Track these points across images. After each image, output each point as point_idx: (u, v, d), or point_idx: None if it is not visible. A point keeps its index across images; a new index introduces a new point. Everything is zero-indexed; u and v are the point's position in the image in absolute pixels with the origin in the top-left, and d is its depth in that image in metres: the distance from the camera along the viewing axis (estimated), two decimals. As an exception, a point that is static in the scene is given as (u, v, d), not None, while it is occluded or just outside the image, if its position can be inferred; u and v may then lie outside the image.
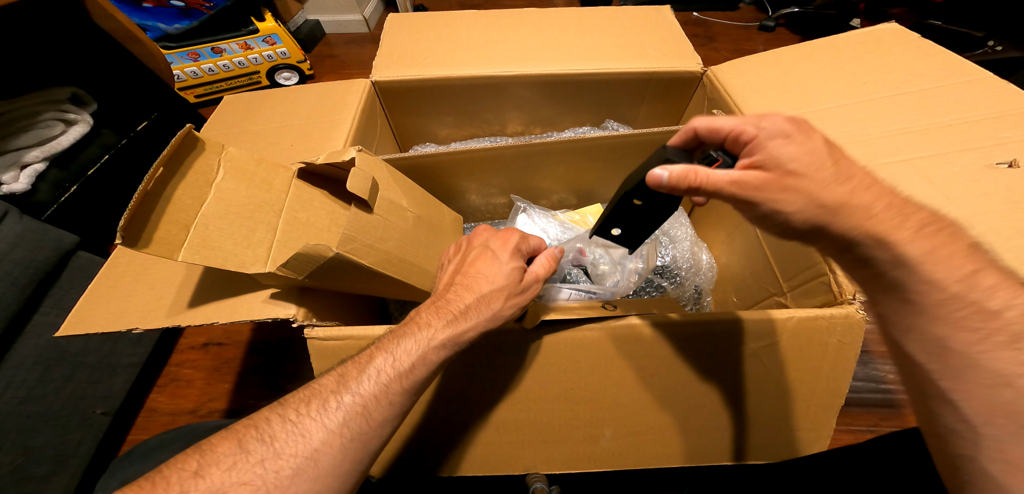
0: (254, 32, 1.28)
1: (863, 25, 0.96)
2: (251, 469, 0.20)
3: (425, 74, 0.65)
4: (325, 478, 0.22)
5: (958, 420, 0.18)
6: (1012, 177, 0.40)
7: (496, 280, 0.32)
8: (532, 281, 0.34)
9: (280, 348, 0.81)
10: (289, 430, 0.22)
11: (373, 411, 0.24)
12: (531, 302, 0.35)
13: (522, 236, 0.36)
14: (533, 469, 0.44)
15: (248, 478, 0.20)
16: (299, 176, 0.45)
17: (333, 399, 0.24)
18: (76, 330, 0.39)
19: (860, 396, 0.71)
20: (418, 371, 0.27)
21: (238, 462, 0.20)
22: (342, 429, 0.23)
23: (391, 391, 0.25)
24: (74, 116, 0.84)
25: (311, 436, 0.22)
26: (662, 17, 0.74)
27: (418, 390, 0.27)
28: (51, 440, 0.60)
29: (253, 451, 0.21)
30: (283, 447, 0.21)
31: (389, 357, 0.26)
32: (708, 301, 0.64)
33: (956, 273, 0.19)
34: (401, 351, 0.27)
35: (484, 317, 0.30)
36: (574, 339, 0.40)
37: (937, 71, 0.50)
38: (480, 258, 0.33)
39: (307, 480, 0.21)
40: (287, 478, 0.21)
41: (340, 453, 0.23)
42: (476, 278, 0.32)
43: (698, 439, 0.42)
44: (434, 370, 0.28)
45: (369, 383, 0.25)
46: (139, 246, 0.31)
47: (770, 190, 0.24)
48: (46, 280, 0.62)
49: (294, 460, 0.21)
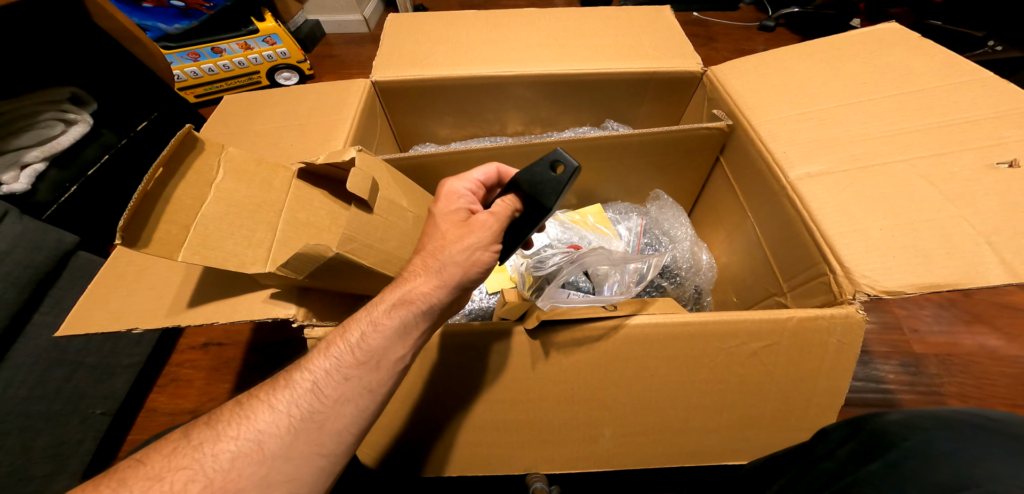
0: (254, 32, 1.28)
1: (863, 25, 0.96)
2: (189, 454, 0.20)
3: (425, 74, 0.65)
4: (273, 460, 0.21)
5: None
6: (1012, 177, 0.40)
7: (435, 233, 0.30)
8: (486, 218, 0.30)
9: (280, 348, 0.81)
10: (234, 413, 0.21)
11: (324, 387, 0.23)
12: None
13: (457, 177, 0.32)
14: (533, 469, 0.44)
15: (186, 463, 0.19)
16: (299, 176, 0.45)
17: (281, 379, 0.23)
18: (76, 330, 0.39)
19: (860, 396, 0.71)
20: (370, 338, 0.25)
21: (178, 447, 0.20)
22: (289, 408, 0.22)
23: (343, 364, 0.24)
24: (74, 116, 0.84)
25: (256, 417, 0.21)
26: (662, 17, 0.74)
27: (377, 363, 0.25)
28: (51, 440, 0.60)
29: (194, 436, 0.20)
30: (224, 430, 0.21)
31: (340, 331, 0.25)
32: (708, 301, 0.64)
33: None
34: (351, 323, 0.26)
35: (433, 266, 0.28)
36: (574, 339, 0.40)
37: (937, 71, 0.50)
38: (425, 228, 0.31)
39: (251, 463, 0.20)
40: (226, 461, 0.20)
41: (289, 434, 0.22)
42: (422, 242, 0.31)
43: (698, 439, 0.42)
44: (391, 336, 0.26)
45: (319, 357, 0.24)
46: (139, 246, 0.31)
47: None
48: (46, 280, 0.62)
49: (235, 442, 0.20)
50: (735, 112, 0.55)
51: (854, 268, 0.37)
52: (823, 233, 0.41)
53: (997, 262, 0.35)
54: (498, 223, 0.30)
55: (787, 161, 0.47)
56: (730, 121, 0.56)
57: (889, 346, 0.76)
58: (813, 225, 0.42)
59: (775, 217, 0.48)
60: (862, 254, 0.38)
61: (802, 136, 0.49)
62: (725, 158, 0.61)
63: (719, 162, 0.62)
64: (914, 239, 0.38)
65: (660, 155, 0.59)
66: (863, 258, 0.38)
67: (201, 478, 0.19)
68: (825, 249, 0.40)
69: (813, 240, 0.41)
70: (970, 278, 0.35)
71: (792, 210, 0.44)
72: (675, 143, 0.58)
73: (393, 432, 0.42)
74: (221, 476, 0.19)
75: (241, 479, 0.20)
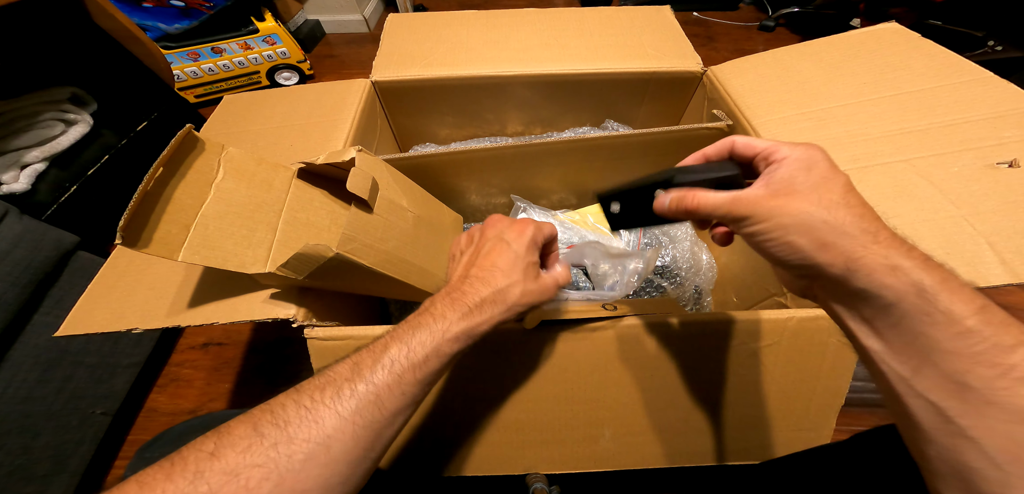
0: (254, 32, 1.28)
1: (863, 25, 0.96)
2: (264, 452, 0.21)
3: (425, 74, 0.65)
4: (336, 464, 0.22)
5: (981, 459, 0.17)
6: (1012, 177, 0.40)
7: (512, 274, 0.31)
8: (551, 284, 0.34)
9: (280, 348, 0.81)
10: (303, 416, 0.22)
11: (386, 400, 0.25)
12: None
13: (537, 227, 0.35)
14: (533, 469, 0.44)
15: (261, 460, 0.20)
16: (299, 176, 0.45)
17: (347, 387, 0.24)
18: (76, 330, 0.39)
19: (860, 396, 0.71)
20: (432, 363, 0.27)
21: (253, 445, 0.21)
22: (355, 417, 0.23)
23: (404, 381, 0.25)
24: (74, 116, 0.84)
25: (324, 422, 0.22)
26: (662, 17, 0.74)
27: (430, 381, 0.27)
28: (51, 440, 0.60)
29: (267, 435, 0.21)
30: (296, 432, 0.22)
31: (404, 347, 0.26)
32: (708, 301, 0.64)
33: (970, 305, 0.18)
34: (416, 342, 0.27)
35: (498, 311, 0.30)
36: (574, 339, 0.40)
37: (937, 71, 0.50)
38: (495, 250, 0.32)
39: (318, 465, 0.21)
40: (299, 462, 0.21)
41: (352, 440, 0.23)
42: (491, 270, 0.31)
43: (698, 439, 0.42)
44: (447, 362, 0.28)
45: (383, 373, 0.25)
46: (139, 246, 0.31)
47: (763, 204, 0.23)
48: (46, 280, 0.62)
49: (307, 445, 0.21)
50: (735, 112, 0.55)
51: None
52: (823, 233, 0.41)
53: (997, 262, 0.35)
54: (556, 291, 0.34)
55: (787, 161, 0.47)
56: (730, 121, 0.56)
57: (889, 346, 0.76)
58: (813, 225, 0.42)
59: (775, 217, 0.48)
60: (862, 254, 0.38)
61: (802, 136, 0.48)
62: (725, 158, 0.61)
63: (719, 162, 0.62)
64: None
65: (660, 155, 0.59)
66: (863, 258, 0.38)
67: (274, 476, 0.20)
68: (825, 249, 0.40)
69: (813, 240, 0.41)
70: (970, 278, 0.35)
71: (792, 210, 0.44)
72: (675, 143, 0.58)
73: (393, 432, 0.42)
74: (292, 476, 0.21)
75: (309, 480, 0.21)
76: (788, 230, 0.22)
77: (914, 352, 0.19)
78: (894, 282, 0.19)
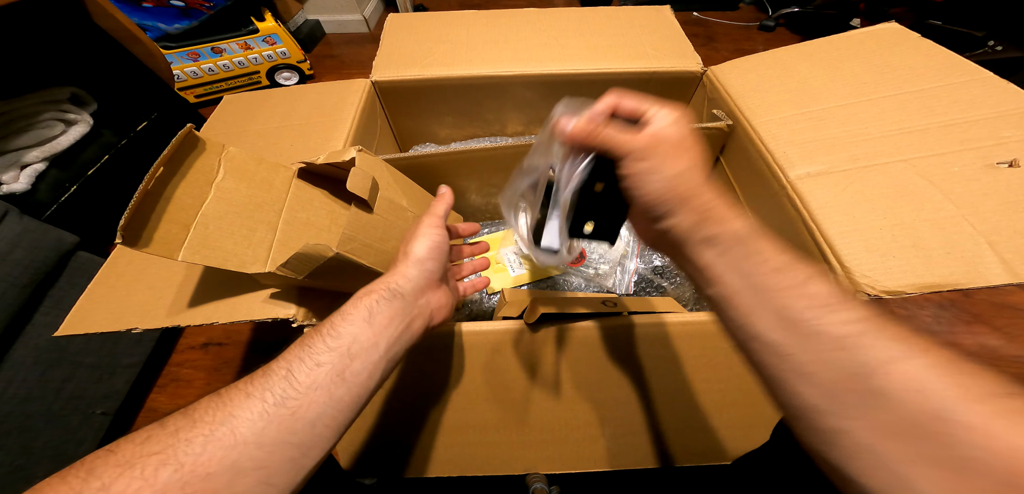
0: (254, 32, 1.28)
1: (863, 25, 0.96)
2: (164, 440, 0.20)
3: (425, 74, 0.65)
4: (244, 445, 0.21)
5: (817, 393, 0.19)
6: (1012, 177, 0.40)
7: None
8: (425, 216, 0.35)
9: (280, 348, 0.80)
10: (211, 401, 0.22)
11: (297, 373, 0.24)
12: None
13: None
14: (533, 469, 0.44)
15: (159, 448, 0.20)
16: (299, 176, 0.45)
17: (260, 369, 0.24)
18: (76, 330, 0.39)
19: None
20: (338, 325, 0.26)
21: (152, 435, 0.20)
22: (263, 393, 0.23)
23: (315, 350, 0.25)
24: (74, 116, 0.84)
25: (231, 403, 0.22)
26: (662, 17, 0.74)
27: (348, 348, 0.26)
28: (51, 440, 0.60)
29: (170, 423, 0.21)
30: (201, 417, 0.21)
31: (316, 326, 0.27)
32: (708, 301, 0.64)
33: (775, 245, 0.22)
34: (327, 318, 0.27)
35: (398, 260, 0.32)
36: (575, 339, 0.40)
37: (937, 71, 0.50)
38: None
39: (222, 447, 0.21)
40: (199, 445, 0.20)
41: (262, 418, 0.22)
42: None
43: (698, 438, 0.42)
44: (358, 322, 0.27)
45: (295, 347, 0.25)
46: (139, 245, 0.31)
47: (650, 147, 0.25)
48: (46, 280, 0.62)
49: (209, 427, 0.21)
50: (735, 112, 0.55)
51: (854, 268, 0.37)
52: (823, 233, 0.41)
53: (997, 262, 0.35)
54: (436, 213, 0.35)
55: (787, 161, 0.47)
56: (730, 121, 0.56)
57: (889, 346, 0.76)
58: (813, 225, 0.42)
59: (775, 217, 0.48)
60: (862, 254, 0.38)
61: (802, 136, 0.49)
62: (725, 158, 0.61)
63: (719, 162, 0.62)
64: (914, 239, 0.38)
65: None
66: (863, 258, 0.38)
67: (173, 462, 0.20)
68: (825, 249, 0.40)
69: (813, 240, 0.41)
70: (970, 278, 0.35)
71: (792, 210, 0.44)
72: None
73: (394, 432, 0.42)
74: (192, 460, 0.20)
75: (211, 462, 0.20)
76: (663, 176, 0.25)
77: (750, 294, 0.22)
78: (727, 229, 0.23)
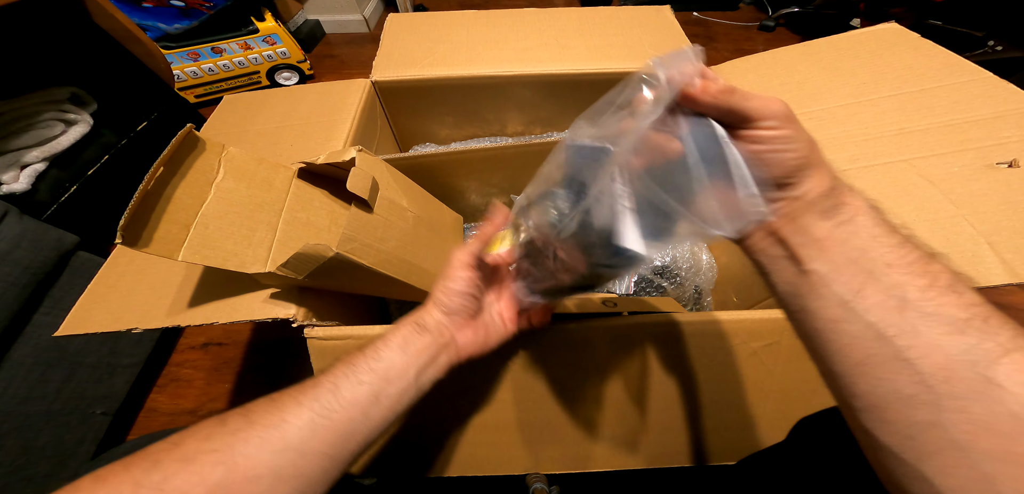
0: (254, 32, 1.28)
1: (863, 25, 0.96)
2: (223, 437, 0.21)
3: (425, 74, 0.65)
4: (290, 451, 0.22)
5: (914, 382, 0.17)
6: (1012, 177, 0.40)
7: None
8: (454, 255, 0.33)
9: (280, 348, 0.81)
10: (267, 405, 0.24)
11: (342, 388, 0.25)
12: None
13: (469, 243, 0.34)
14: (533, 469, 0.44)
15: (219, 446, 0.21)
16: (299, 176, 0.45)
17: (311, 380, 0.26)
18: (76, 330, 0.39)
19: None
20: (380, 349, 0.28)
21: (214, 432, 0.22)
22: (312, 403, 0.24)
23: (359, 369, 0.26)
24: (74, 116, 0.84)
25: (284, 408, 0.23)
26: (662, 17, 0.74)
27: (385, 371, 0.27)
28: (51, 440, 0.60)
29: (230, 422, 0.22)
30: (258, 418, 0.23)
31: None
32: (708, 301, 0.64)
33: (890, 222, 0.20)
34: (370, 343, 0.29)
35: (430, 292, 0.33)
36: (575, 339, 0.40)
37: (937, 71, 0.50)
38: None
39: (272, 451, 0.22)
40: (254, 446, 0.22)
41: (308, 427, 0.23)
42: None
43: (698, 439, 0.42)
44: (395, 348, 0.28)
45: (341, 365, 0.27)
46: (139, 246, 0.31)
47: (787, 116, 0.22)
48: (46, 280, 0.62)
49: (264, 429, 0.22)
50: (735, 112, 0.55)
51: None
52: (823, 233, 0.41)
53: (997, 262, 0.35)
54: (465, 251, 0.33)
55: (787, 161, 0.47)
56: (730, 121, 0.56)
57: (889, 346, 0.76)
58: (813, 225, 0.42)
59: (775, 217, 0.48)
60: (862, 254, 0.38)
61: (802, 136, 0.49)
62: (725, 158, 0.61)
63: (719, 162, 0.62)
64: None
65: (660, 155, 0.59)
66: (863, 258, 0.38)
67: (228, 460, 0.21)
68: (825, 249, 0.40)
69: (813, 240, 0.41)
70: (970, 278, 0.35)
71: (792, 210, 0.44)
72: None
73: (395, 433, 0.42)
74: (243, 460, 0.21)
75: (260, 465, 0.21)
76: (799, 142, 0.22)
77: (858, 270, 0.20)
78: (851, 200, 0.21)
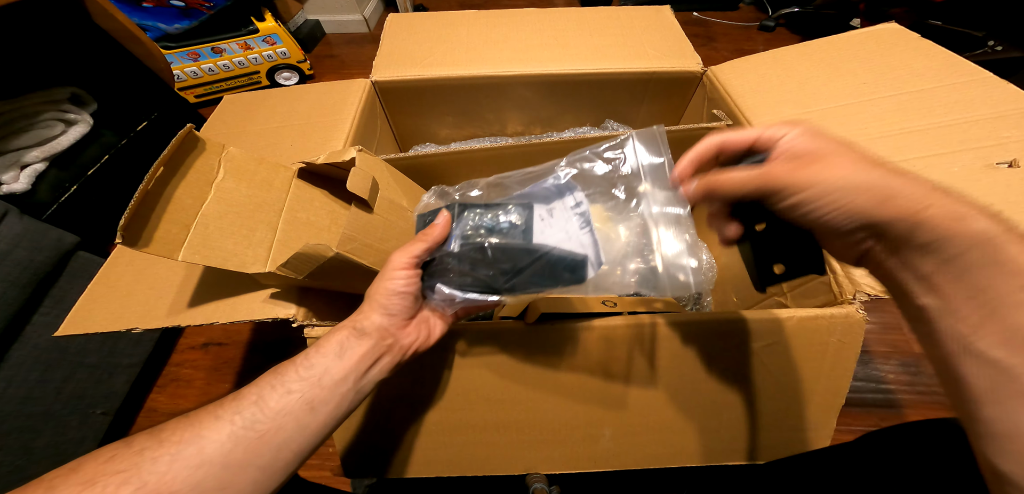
0: (254, 32, 1.28)
1: (863, 25, 0.96)
2: (129, 458, 0.20)
3: (425, 74, 0.65)
4: (210, 465, 0.21)
5: None
6: (1012, 177, 0.40)
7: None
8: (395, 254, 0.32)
9: (280, 348, 0.81)
10: (180, 422, 0.22)
11: (268, 399, 0.24)
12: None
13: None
14: (533, 469, 0.44)
15: (124, 466, 0.20)
16: (299, 176, 0.45)
17: (232, 393, 0.24)
18: (76, 330, 0.39)
19: (860, 396, 0.71)
20: (312, 357, 0.27)
21: (118, 454, 0.20)
22: (232, 416, 0.23)
23: (287, 379, 0.25)
24: (74, 116, 0.84)
25: (200, 424, 0.22)
26: (662, 17, 0.74)
27: (318, 379, 0.26)
28: (51, 440, 0.60)
29: (136, 442, 0.21)
30: (169, 437, 0.21)
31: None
32: (708, 301, 0.64)
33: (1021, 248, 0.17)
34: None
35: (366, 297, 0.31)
36: (574, 339, 0.40)
37: (937, 71, 0.50)
38: None
39: (188, 466, 0.21)
40: (165, 464, 0.20)
41: (229, 440, 0.22)
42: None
43: (698, 439, 0.42)
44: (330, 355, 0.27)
45: (268, 375, 0.25)
46: (139, 245, 0.31)
47: (799, 175, 0.21)
48: (46, 280, 0.62)
49: (176, 446, 0.21)
50: (735, 112, 0.55)
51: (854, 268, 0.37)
52: (823, 233, 0.41)
53: (997, 262, 0.35)
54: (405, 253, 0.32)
55: (787, 161, 0.47)
56: (730, 121, 0.56)
57: (889, 346, 0.76)
58: (813, 225, 0.42)
59: (775, 217, 0.48)
60: (862, 254, 0.38)
61: (802, 136, 0.49)
62: (725, 158, 0.61)
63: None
64: None
65: (660, 155, 0.59)
66: (863, 258, 0.38)
67: (135, 480, 0.19)
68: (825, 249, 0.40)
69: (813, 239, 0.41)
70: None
71: (792, 210, 0.44)
72: (676, 143, 0.57)
73: (394, 433, 0.42)
74: (156, 478, 0.20)
75: (176, 481, 0.20)
76: (842, 193, 0.20)
77: (977, 307, 0.18)
78: (961, 230, 0.18)
